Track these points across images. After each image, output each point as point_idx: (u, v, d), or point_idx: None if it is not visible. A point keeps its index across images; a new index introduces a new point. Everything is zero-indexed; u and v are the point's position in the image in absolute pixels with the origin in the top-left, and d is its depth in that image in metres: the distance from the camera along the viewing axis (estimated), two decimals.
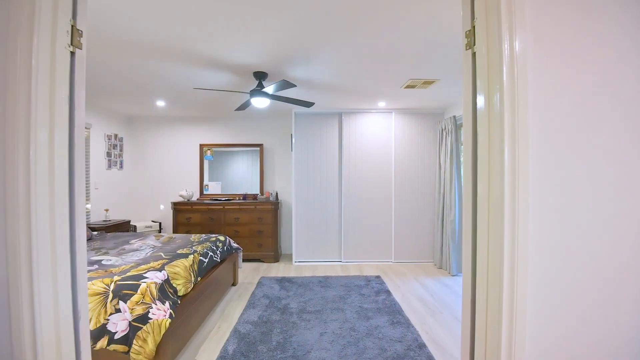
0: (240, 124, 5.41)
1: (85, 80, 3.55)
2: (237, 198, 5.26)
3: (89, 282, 2.16)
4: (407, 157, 4.86)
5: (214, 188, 5.41)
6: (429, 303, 3.36)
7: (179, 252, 2.95)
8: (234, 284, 3.90)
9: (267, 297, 3.46)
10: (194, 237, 3.66)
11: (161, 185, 5.42)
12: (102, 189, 4.75)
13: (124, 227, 4.61)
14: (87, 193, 4.51)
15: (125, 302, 2.08)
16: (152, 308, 2.09)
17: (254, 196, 5.23)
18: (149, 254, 2.90)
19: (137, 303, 2.09)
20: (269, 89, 2.98)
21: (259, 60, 2.84)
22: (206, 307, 2.96)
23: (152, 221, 5.27)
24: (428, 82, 3.50)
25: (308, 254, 4.87)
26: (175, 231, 4.90)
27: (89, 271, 2.39)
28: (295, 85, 2.82)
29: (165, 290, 2.27)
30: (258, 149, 5.35)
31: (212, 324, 2.92)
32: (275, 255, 4.88)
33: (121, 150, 5.18)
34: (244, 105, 3.55)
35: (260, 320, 2.93)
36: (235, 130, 5.41)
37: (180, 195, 5.05)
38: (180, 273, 2.55)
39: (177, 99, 4.20)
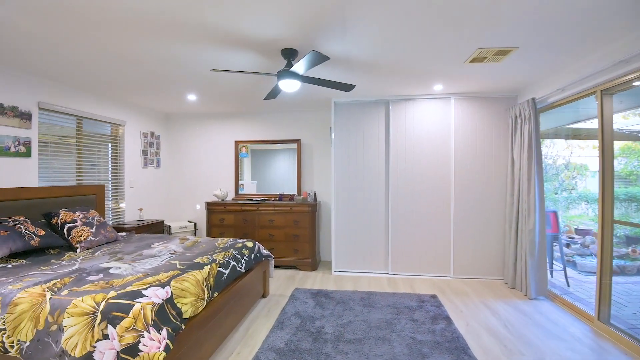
0: (276, 119, 4.99)
1: (112, 75, 3.36)
2: (273, 199, 4.85)
3: (77, 299, 1.82)
4: (469, 152, 4.04)
5: (249, 187, 5.06)
6: (504, 338, 2.58)
7: (195, 261, 2.55)
8: (264, 296, 3.46)
9: (299, 316, 2.95)
10: (220, 241, 3.28)
11: (197, 184, 5.21)
12: (137, 187, 4.64)
13: (157, 227, 4.43)
14: (120, 192, 4.40)
15: (115, 327, 1.69)
16: (143, 337, 1.68)
17: (291, 197, 4.77)
18: (163, 262, 2.54)
19: (127, 329, 1.69)
20: (299, 66, 2.45)
21: (287, 33, 2.33)
22: (227, 326, 2.53)
23: (188, 221, 5.07)
24: (502, 52, 2.71)
25: (349, 263, 4.28)
26: (208, 233, 4.63)
27: (90, 282, 2.07)
28: (328, 58, 2.25)
29: (165, 313, 1.85)
30: (295, 145, 4.88)
31: (231, 347, 2.48)
32: (312, 262, 4.37)
33: (158, 148, 5.06)
34: (273, 92, 3.07)
35: (287, 347, 2.42)
36: (271, 125, 5.00)
37: (215, 195, 4.77)
38: (190, 289, 2.13)
39: (206, 91, 3.88)
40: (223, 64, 2.94)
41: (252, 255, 3.17)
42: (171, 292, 1.99)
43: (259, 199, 4.77)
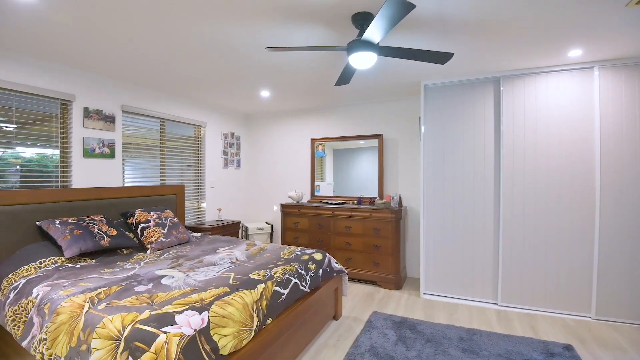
0: (354, 112, 4.42)
1: (185, 74, 3.26)
2: (351, 202, 4.30)
3: (109, 317, 1.58)
4: (626, 145, 2.80)
5: (325, 189, 4.61)
6: None
7: (251, 276, 2.17)
8: (335, 317, 2.93)
9: (374, 354, 2.32)
10: (286, 250, 2.88)
11: (275, 184, 5.01)
12: (218, 187, 4.64)
13: (233, 228, 4.34)
14: (201, 192, 4.44)
15: None
16: None
17: (371, 200, 4.14)
18: (218, 274, 2.23)
19: None
20: (373, 30, 1.84)
21: None
22: (285, 357, 2.08)
23: (266, 223, 4.90)
24: None
25: (443, 285, 3.44)
26: (283, 236, 4.34)
27: (135, 293, 1.85)
28: (413, 5, 1.58)
29: (195, 349, 1.47)
30: (376, 140, 4.23)
31: None
32: (396, 279, 3.66)
33: (238, 148, 5.02)
34: (345, 74, 2.52)
35: None
36: (349, 119, 4.46)
37: (289, 197, 4.46)
38: (234, 316, 1.73)
39: (276, 84, 3.55)
40: (286, 42, 2.51)
41: (321, 271, 2.67)
42: (208, 320, 1.61)
43: (334, 202, 4.28)
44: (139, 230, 2.99)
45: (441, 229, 3.42)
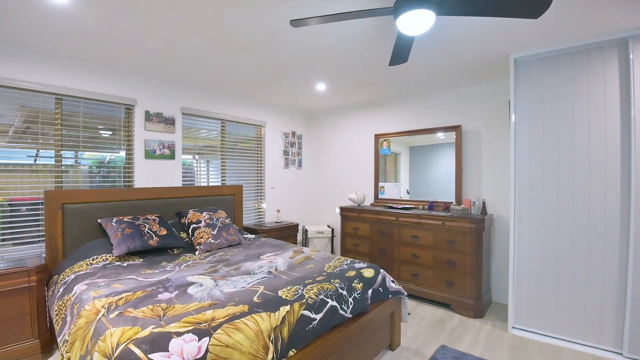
0: (424, 102, 3.77)
1: (233, 68, 3.09)
2: (421, 207, 3.68)
3: (113, 329, 1.44)
4: None
5: (390, 191, 4.07)
6: None
7: (280, 292, 1.86)
8: (391, 347, 2.43)
9: None
10: (333, 262, 2.50)
11: (337, 185, 4.67)
12: (278, 188, 4.52)
13: (291, 230, 4.14)
14: (261, 192, 4.36)
15: None
16: None
17: (446, 205, 3.46)
18: (248, 285, 1.99)
19: None
20: None
21: None
22: None
23: (328, 226, 4.60)
24: None
25: (541, 319, 2.60)
26: (342, 243, 3.96)
27: (153, 303, 1.72)
28: None
29: None
30: (453, 133, 3.52)
31: None
32: (476, 305, 2.94)
33: (300, 148, 4.84)
34: (400, 50, 2.02)
35: None
36: (419, 111, 3.83)
37: (350, 199, 4.06)
38: (241, 345, 1.43)
39: (332, 76, 3.20)
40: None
41: (370, 291, 2.22)
42: (207, 350, 1.35)
43: (400, 206, 3.71)
44: (190, 231, 2.98)
45: (539, 244, 2.60)
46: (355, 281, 2.17)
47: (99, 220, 2.71)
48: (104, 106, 2.95)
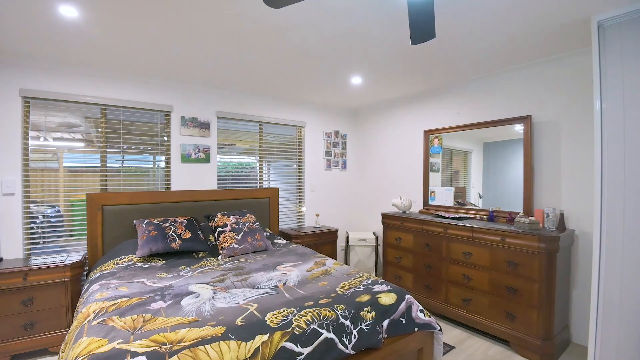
0: (482, 90, 3.12)
1: (255, 65, 2.97)
2: (479, 216, 3.05)
3: (82, 339, 1.41)
4: None
5: (442, 197, 3.49)
6: None
7: (268, 316, 1.63)
8: None
9: None
10: (349, 281, 2.18)
11: (385, 188, 4.24)
12: (319, 191, 4.31)
13: (329, 237, 3.88)
14: (301, 195, 4.20)
15: None
16: None
17: (510, 216, 2.79)
18: (243, 302, 1.82)
19: None
20: None
21: None
22: None
23: (373, 233, 4.21)
24: None
25: None
26: (384, 254, 3.55)
27: (141, 312, 1.66)
28: None
29: None
30: (521, 126, 2.82)
31: None
32: (544, 347, 2.27)
33: (344, 148, 4.54)
34: (418, 21, 1.61)
35: None
36: (476, 101, 3.19)
37: (394, 205, 3.62)
38: None
39: (365, 66, 2.85)
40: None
41: (386, 323, 1.84)
42: None
43: (451, 215, 3.14)
44: (216, 234, 2.96)
45: (637, 271, 1.85)
46: (365, 308, 1.82)
47: (134, 221, 2.87)
48: (144, 113, 3.12)
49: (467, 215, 3.11)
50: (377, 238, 4.08)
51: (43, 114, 2.68)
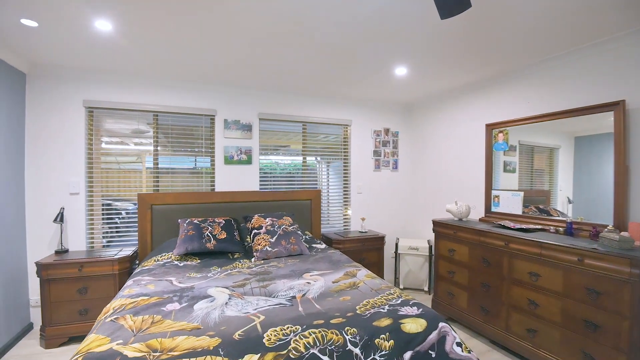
0: (562, 73, 2.50)
1: (318, 69, 2.97)
2: (552, 228, 2.47)
3: (91, 334, 1.47)
4: None
5: (508, 203, 2.93)
6: None
7: (268, 333, 1.50)
8: None
9: None
10: (377, 298, 1.93)
11: (442, 191, 3.77)
12: (367, 193, 4.04)
13: (374, 243, 3.59)
14: (347, 198, 3.99)
15: None
16: None
17: (595, 230, 2.18)
18: (252, 312, 1.73)
19: None
20: None
21: None
22: None
23: (428, 242, 3.78)
24: None
25: None
26: (436, 267, 3.13)
27: (152, 313, 1.69)
28: None
29: None
30: (611, 114, 2.17)
31: None
32: None
33: (395, 147, 4.18)
34: None
35: None
36: (553, 86, 2.58)
37: (448, 211, 3.17)
38: None
39: (405, 53, 2.53)
40: None
41: (409, 355, 1.54)
42: None
43: (517, 225, 2.60)
44: (252, 236, 2.96)
45: None
46: (383, 335, 1.55)
47: (178, 220, 3.02)
48: (191, 118, 3.29)
49: (539, 227, 2.55)
50: (431, 247, 3.66)
51: (113, 121, 3.03)
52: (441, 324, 1.69)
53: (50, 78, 2.75)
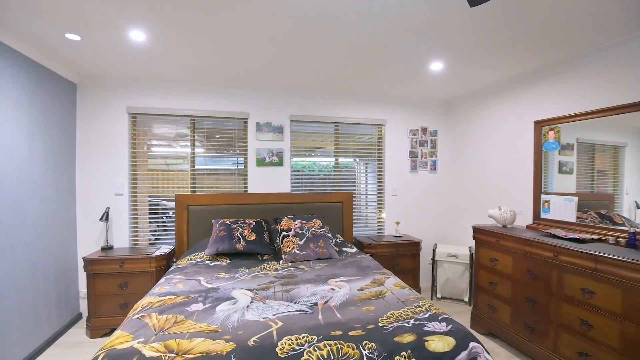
0: (625, 61, 2.15)
1: (352, 67, 2.94)
2: (612, 239, 2.15)
3: (117, 330, 1.54)
4: None
5: (560, 208, 2.61)
6: None
7: (283, 341, 1.47)
8: None
9: None
10: (403, 310, 1.81)
11: (485, 194, 3.49)
12: (402, 195, 3.86)
13: (409, 249, 3.41)
14: (381, 200, 3.84)
15: None
16: None
17: None
18: (271, 317, 1.72)
19: None
20: None
21: None
22: None
23: (469, 249, 3.52)
24: None
25: None
26: (476, 277, 2.89)
27: (176, 312, 1.74)
28: None
29: None
30: None
31: None
32: None
33: (434, 147, 3.95)
34: None
35: None
36: (612, 77, 2.23)
37: (491, 216, 2.91)
38: None
39: (439, 45, 2.36)
40: None
41: None
42: None
43: (570, 234, 2.30)
44: (281, 238, 2.96)
45: None
46: (403, 353, 1.44)
47: (212, 220, 3.12)
48: (225, 121, 3.38)
49: (595, 236, 2.23)
50: (472, 255, 3.40)
51: (157, 125, 3.23)
52: (472, 344, 1.53)
53: (97, 87, 2.99)
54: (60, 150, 2.71)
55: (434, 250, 3.57)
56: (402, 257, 3.40)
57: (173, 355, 1.35)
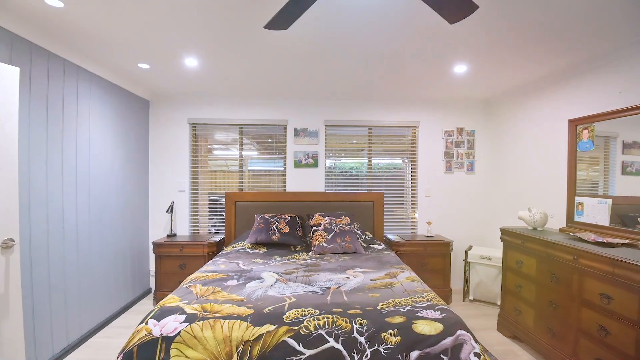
0: None
1: (381, 70, 3.18)
2: None
3: (170, 295, 1.99)
4: None
5: (594, 212, 2.48)
6: None
7: (290, 312, 1.78)
8: None
9: None
10: (405, 298, 2.00)
11: (522, 195, 3.38)
12: (436, 196, 3.91)
13: (439, 249, 3.47)
14: (414, 200, 3.94)
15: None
16: None
17: None
18: (287, 294, 2.05)
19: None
20: None
21: None
22: None
23: None
24: None
25: None
26: (503, 279, 2.87)
27: (214, 285, 2.17)
28: None
29: (151, 352, 1.54)
30: None
31: None
32: None
33: (471, 147, 3.91)
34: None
35: None
36: None
37: (520, 218, 2.86)
38: (207, 342, 1.58)
39: (463, 45, 2.45)
40: None
41: (415, 354, 1.59)
42: (178, 333, 1.59)
43: (597, 238, 2.20)
44: (312, 232, 3.27)
45: None
46: (390, 331, 1.64)
47: (255, 214, 3.57)
48: (268, 128, 3.82)
49: (626, 241, 2.13)
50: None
51: (215, 133, 3.81)
52: (459, 332, 1.66)
53: (164, 103, 3.65)
54: (136, 155, 3.40)
55: (466, 252, 3.56)
56: (431, 257, 3.47)
57: (206, 313, 1.75)
